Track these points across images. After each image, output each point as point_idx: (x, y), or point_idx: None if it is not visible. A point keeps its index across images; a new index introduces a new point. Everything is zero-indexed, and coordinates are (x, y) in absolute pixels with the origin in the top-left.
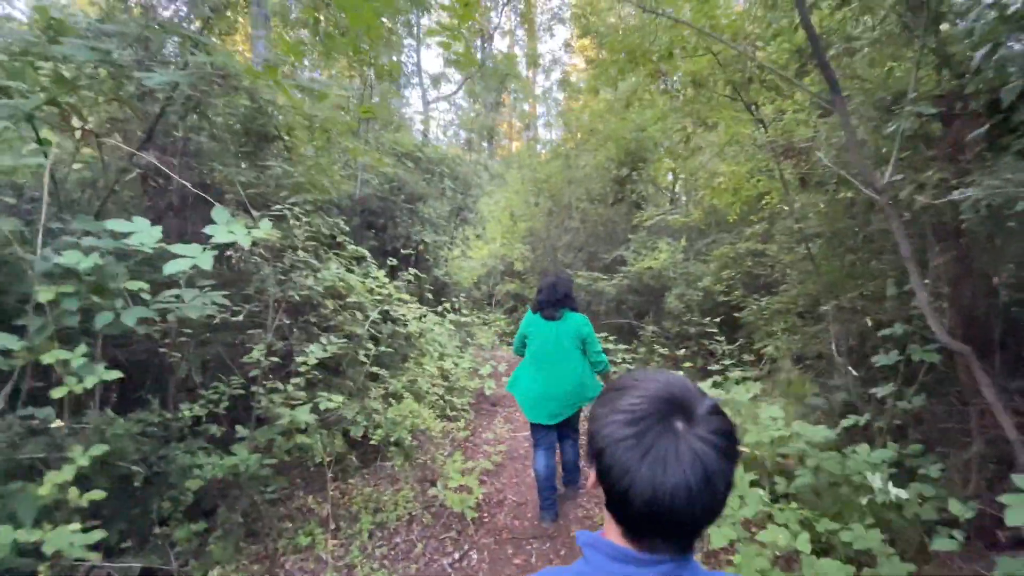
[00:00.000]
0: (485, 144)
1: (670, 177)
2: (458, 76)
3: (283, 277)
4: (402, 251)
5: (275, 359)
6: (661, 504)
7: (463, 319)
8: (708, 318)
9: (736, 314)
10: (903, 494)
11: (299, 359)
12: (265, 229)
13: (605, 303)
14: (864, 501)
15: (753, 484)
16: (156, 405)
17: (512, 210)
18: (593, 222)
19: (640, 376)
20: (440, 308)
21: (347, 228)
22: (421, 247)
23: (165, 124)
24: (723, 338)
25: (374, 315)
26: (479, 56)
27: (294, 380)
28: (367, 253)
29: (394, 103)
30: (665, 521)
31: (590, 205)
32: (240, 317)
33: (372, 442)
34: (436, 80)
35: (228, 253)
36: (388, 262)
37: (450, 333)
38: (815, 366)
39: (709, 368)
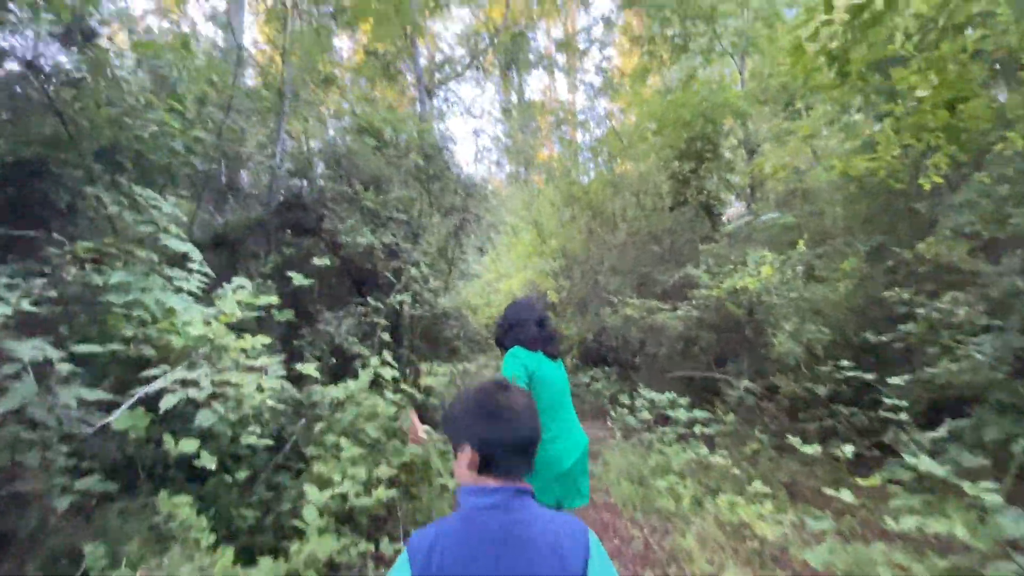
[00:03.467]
0: (522, 170)
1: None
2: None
3: None
4: (314, 259)
5: None
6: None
7: (438, 374)
8: (871, 372)
9: (917, 370)
10: None
11: None
12: None
13: (667, 343)
14: None
15: None
16: None
17: (538, 222)
18: (645, 236)
19: (466, 394)
20: (375, 358)
21: (172, 207)
22: (380, 262)
23: None
24: (905, 414)
25: (152, 386)
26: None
27: None
28: (192, 249)
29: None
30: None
31: (641, 213)
32: None
33: None
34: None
35: None
36: (292, 279)
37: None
38: None
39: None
